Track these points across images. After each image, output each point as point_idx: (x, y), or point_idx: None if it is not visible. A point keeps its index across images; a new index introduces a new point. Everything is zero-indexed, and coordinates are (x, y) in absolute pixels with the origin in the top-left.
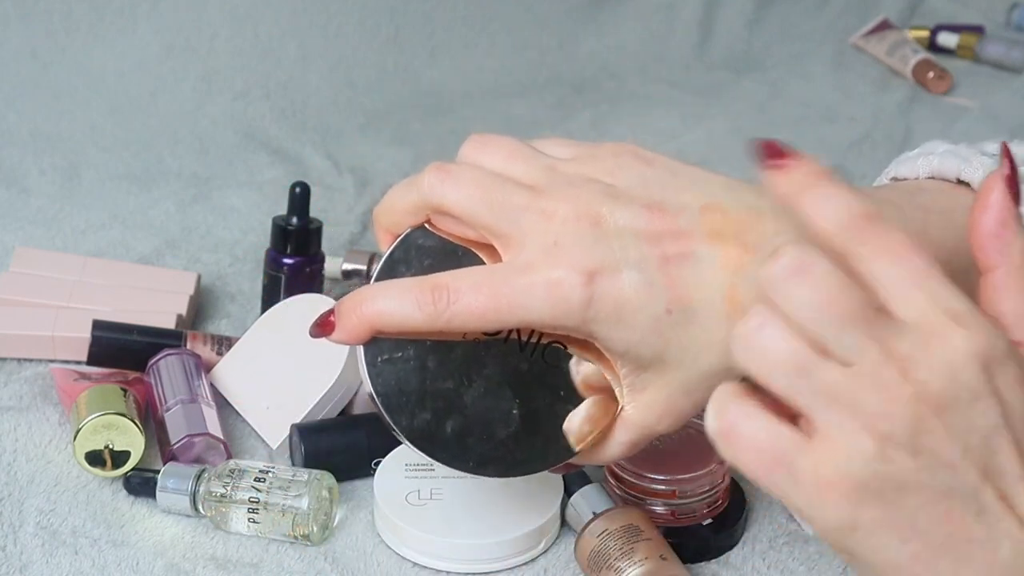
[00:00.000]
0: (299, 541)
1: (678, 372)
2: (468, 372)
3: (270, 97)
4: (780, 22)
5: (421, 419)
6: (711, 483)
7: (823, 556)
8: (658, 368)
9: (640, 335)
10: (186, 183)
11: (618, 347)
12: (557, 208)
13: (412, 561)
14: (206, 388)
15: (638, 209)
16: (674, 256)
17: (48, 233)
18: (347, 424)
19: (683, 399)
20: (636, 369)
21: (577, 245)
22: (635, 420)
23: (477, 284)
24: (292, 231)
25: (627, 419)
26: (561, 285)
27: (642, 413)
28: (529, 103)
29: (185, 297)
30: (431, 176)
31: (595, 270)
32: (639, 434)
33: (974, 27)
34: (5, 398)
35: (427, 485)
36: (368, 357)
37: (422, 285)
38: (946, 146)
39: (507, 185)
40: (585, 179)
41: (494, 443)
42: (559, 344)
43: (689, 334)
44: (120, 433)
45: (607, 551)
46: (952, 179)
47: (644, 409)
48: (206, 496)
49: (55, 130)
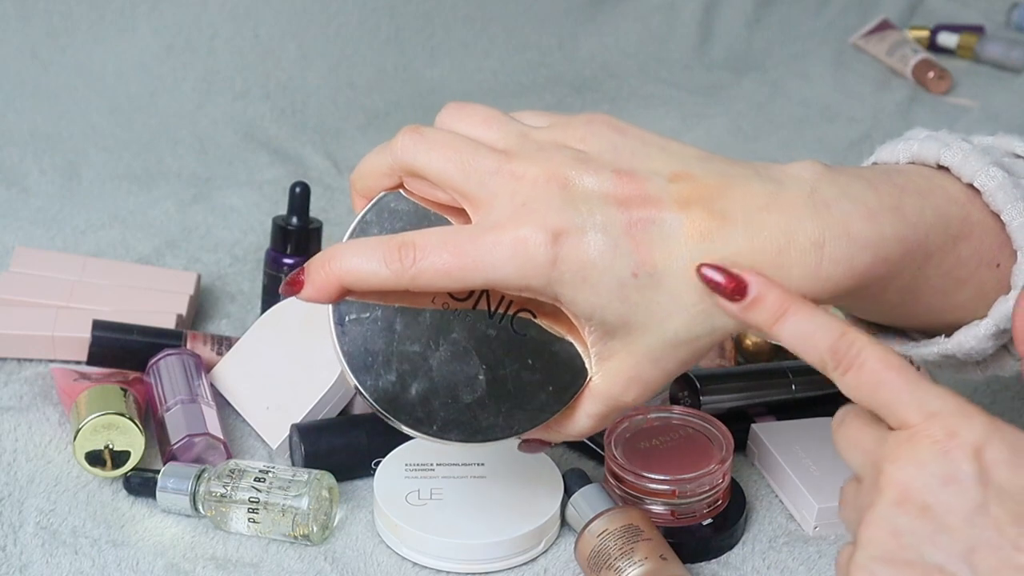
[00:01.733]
0: (299, 541)
1: (644, 338)
2: (435, 337)
3: (270, 97)
4: (780, 22)
5: (386, 380)
6: (711, 483)
7: (823, 556)
8: (624, 334)
9: (605, 298)
10: (186, 183)
11: (583, 310)
12: (526, 171)
13: (412, 561)
14: (206, 388)
15: (607, 174)
16: (641, 220)
17: (48, 233)
18: (347, 424)
19: (650, 367)
20: (603, 335)
21: (544, 206)
22: (602, 390)
23: (443, 242)
24: (292, 231)
25: (594, 389)
26: (527, 243)
27: (608, 382)
28: (529, 103)
29: (185, 297)
30: (404, 138)
31: (561, 230)
32: (606, 405)
33: (974, 27)
34: (5, 398)
35: (427, 485)
36: (336, 316)
37: (389, 243)
38: (927, 133)
39: (479, 149)
40: (556, 145)
41: (459, 408)
42: (528, 312)
43: (655, 299)
44: (120, 433)
45: (607, 551)
46: (932, 163)
47: (611, 378)
48: (206, 496)
49: (55, 130)
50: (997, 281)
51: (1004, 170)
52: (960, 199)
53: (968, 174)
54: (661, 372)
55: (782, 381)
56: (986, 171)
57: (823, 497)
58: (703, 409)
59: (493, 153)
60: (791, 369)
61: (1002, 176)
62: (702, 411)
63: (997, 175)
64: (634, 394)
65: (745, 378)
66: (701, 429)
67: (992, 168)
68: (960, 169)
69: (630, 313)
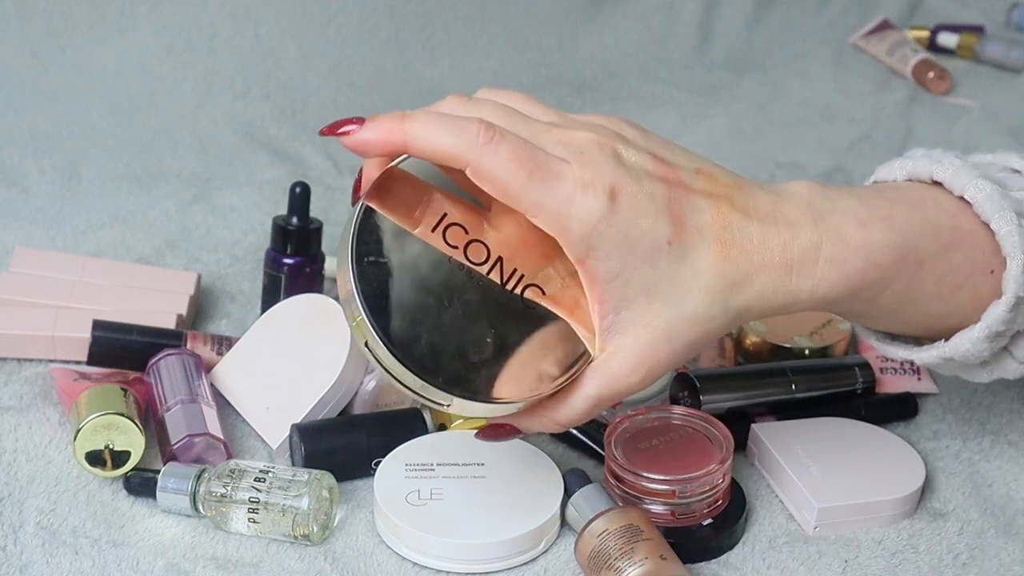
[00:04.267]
0: (299, 541)
1: (664, 309)
2: (450, 294)
3: (270, 97)
4: (780, 22)
5: (399, 324)
6: (711, 483)
7: (823, 556)
8: (643, 304)
9: (639, 259)
10: (186, 183)
11: (612, 268)
12: (578, 134)
13: (412, 561)
14: (206, 388)
15: (646, 155)
16: (678, 197)
17: (48, 233)
18: (347, 424)
19: (664, 345)
20: (618, 304)
21: (602, 163)
22: (608, 368)
23: (521, 144)
24: (292, 231)
25: (598, 368)
26: (588, 188)
27: (618, 360)
28: None
29: (185, 297)
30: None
31: (616, 189)
32: (608, 387)
33: (974, 27)
34: (5, 398)
35: (427, 485)
36: (356, 254)
37: (470, 120)
38: (924, 151)
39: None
40: (594, 124)
41: (465, 365)
42: (537, 288)
43: (680, 272)
44: (120, 433)
45: (607, 551)
46: (927, 179)
47: (620, 355)
48: (206, 496)
49: (55, 130)
50: (991, 287)
51: (993, 183)
52: (951, 210)
53: (959, 187)
54: (671, 353)
55: (782, 381)
56: (975, 184)
57: (823, 497)
58: (703, 409)
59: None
60: (791, 369)
61: (990, 188)
62: (702, 411)
63: (986, 187)
64: (640, 375)
65: (745, 378)
66: (701, 429)
67: (981, 181)
68: (951, 183)
69: (656, 280)
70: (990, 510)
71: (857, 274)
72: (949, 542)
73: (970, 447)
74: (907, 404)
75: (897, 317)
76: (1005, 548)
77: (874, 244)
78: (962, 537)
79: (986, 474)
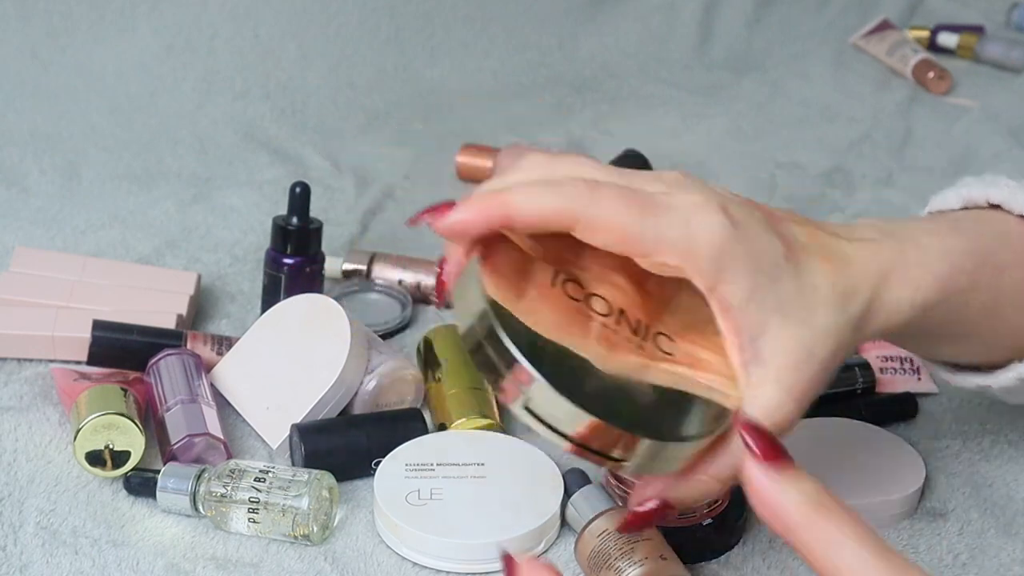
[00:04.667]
0: (299, 541)
1: (798, 329)
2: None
3: (270, 97)
4: (780, 22)
5: (576, 387)
6: None
7: None
8: (777, 327)
9: (766, 278)
10: (186, 183)
11: (744, 290)
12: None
13: (412, 561)
14: (206, 388)
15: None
16: (773, 219)
17: (48, 233)
18: (347, 424)
19: (807, 367)
20: (755, 332)
21: (701, 187)
22: (760, 402)
23: (622, 187)
24: (292, 231)
25: (750, 405)
26: (704, 208)
27: (767, 391)
28: (529, 103)
29: (185, 297)
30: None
31: (726, 206)
32: (765, 422)
33: (974, 27)
34: (5, 398)
35: (427, 485)
36: (513, 340)
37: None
38: (973, 178)
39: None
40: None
41: (636, 407)
42: (665, 335)
43: (802, 288)
44: (120, 433)
45: (607, 551)
46: (984, 204)
47: (768, 385)
48: (206, 496)
49: (55, 130)
50: None
51: None
52: (1015, 227)
53: (1018, 206)
54: (816, 373)
55: None
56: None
57: None
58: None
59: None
60: None
61: None
62: None
63: None
64: (793, 403)
65: None
66: None
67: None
68: (1010, 203)
69: (784, 299)
70: (990, 510)
71: (946, 277)
72: (949, 542)
73: (970, 447)
74: (907, 404)
75: (981, 332)
76: (1005, 548)
77: (953, 248)
78: (962, 537)
79: (986, 474)
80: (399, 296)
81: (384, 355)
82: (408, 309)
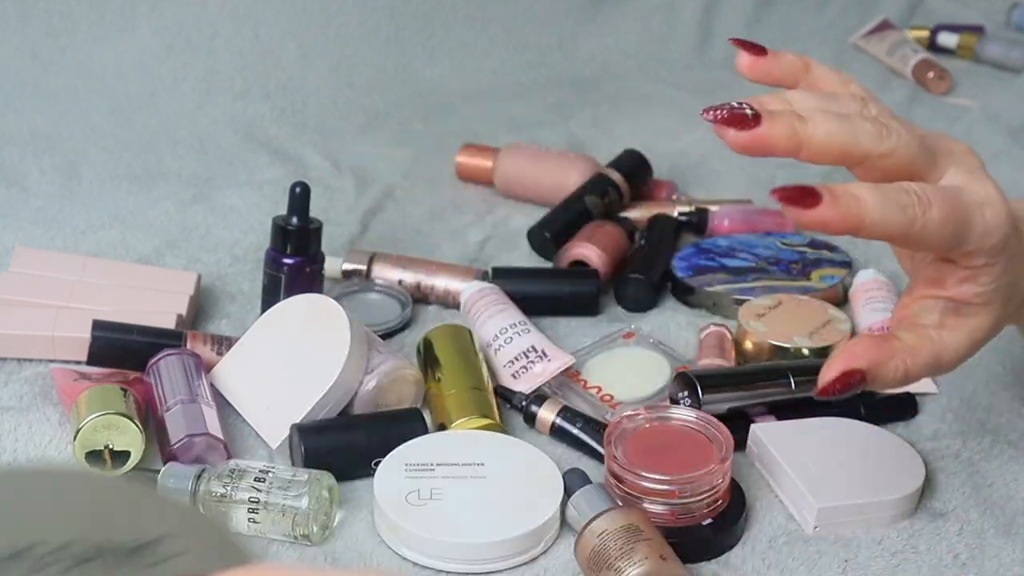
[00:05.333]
0: (299, 541)
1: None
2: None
3: (270, 97)
4: (780, 22)
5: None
6: (711, 483)
7: (823, 556)
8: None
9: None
10: (186, 183)
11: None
12: (944, 143)
13: (412, 561)
14: (206, 388)
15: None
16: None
17: (48, 233)
18: (347, 424)
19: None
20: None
21: (982, 173)
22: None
23: (938, 193)
24: (292, 231)
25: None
26: (998, 202)
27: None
28: (529, 103)
29: (185, 297)
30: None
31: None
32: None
33: (974, 27)
34: (5, 398)
35: (427, 485)
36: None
37: (905, 190)
38: None
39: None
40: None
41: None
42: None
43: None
44: (120, 433)
45: (607, 551)
46: None
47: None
48: (206, 496)
49: (55, 130)
50: None
51: None
52: None
53: None
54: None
55: (782, 381)
56: None
57: (823, 497)
58: (703, 409)
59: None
60: (791, 369)
61: None
62: (702, 411)
63: None
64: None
65: (745, 378)
66: (701, 429)
67: None
68: None
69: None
70: (990, 510)
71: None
72: (949, 542)
73: (970, 447)
74: (907, 404)
75: None
76: (1005, 548)
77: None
78: (962, 537)
79: (986, 474)
80: (399, 296)
81: (384, 355)
82: (408, 309)
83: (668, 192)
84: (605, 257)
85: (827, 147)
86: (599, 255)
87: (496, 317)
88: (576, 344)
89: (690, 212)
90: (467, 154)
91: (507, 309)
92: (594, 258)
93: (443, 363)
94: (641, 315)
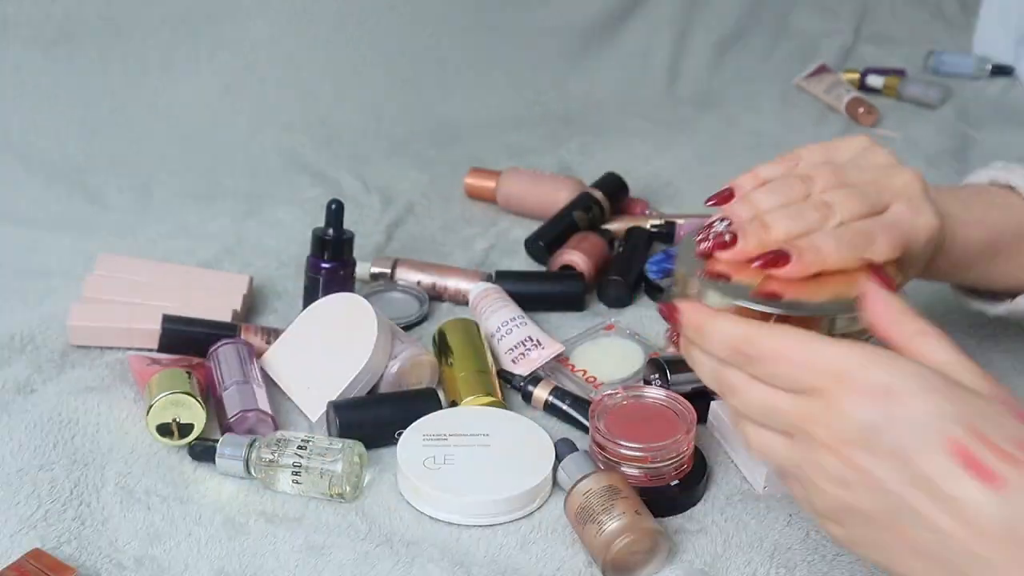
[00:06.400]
0: (335, 499)
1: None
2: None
3: (310, 129)
4: (735, 66)
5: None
6: (677, 450)
7: (771, 511)
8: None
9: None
10: (240, 201)
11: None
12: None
13: (429, 516)
14: (257, 371)
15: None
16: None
17: (125, 242)
18: (375, 401)
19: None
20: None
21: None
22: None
23: (884, 227)
24: (329, 240)
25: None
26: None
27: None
28: (526, 133)
29: (239, 296)
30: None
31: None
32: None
33: (897, 70)
34: (90, 380)
35: (441, 452)
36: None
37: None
38: (1003, 164)
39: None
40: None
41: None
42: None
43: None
44: (186, 409)
45: (591, 507)
46: (1005, 184)
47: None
48: (257, 461)
49: (131, 157)
50: None
51: None
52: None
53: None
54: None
55: None
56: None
57: None
58: (671, 389)
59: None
60: None
61: None
62: (671, 390)
63: None
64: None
65: None
66: (670, 405)
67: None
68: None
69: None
70: None
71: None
72: None
73: None
74: None
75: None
76: None
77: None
78: None
79: None
80: (418, 295)
81: (405, 344)
82: (425, 305)
83: (642, 208)
84: (589, 262)
85: (787, 240)
86: (584, 260)
87: (499, 312)
88: (565, 335)
89: (660, 224)
90: (474, 176)
91: (508, 305)
92: (580, 263)
93: (454, 350)
94: (619, 311)
